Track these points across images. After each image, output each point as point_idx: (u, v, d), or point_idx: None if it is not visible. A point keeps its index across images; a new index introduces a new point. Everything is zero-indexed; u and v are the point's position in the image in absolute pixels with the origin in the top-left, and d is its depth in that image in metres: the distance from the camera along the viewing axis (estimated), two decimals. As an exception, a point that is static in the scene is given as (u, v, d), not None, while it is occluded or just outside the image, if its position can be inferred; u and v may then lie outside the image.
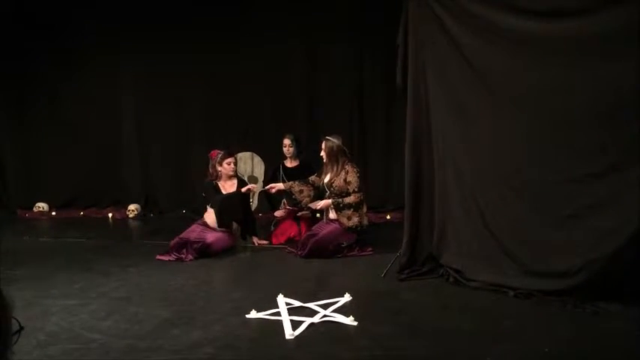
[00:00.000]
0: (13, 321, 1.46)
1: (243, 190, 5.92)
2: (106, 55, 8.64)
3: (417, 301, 4.23)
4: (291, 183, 5.94)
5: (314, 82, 8.24)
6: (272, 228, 6.46)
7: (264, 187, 6.74)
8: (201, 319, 3.93)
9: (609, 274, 3.87)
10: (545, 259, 4.10)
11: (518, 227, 4.25)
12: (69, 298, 4.45)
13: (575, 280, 3.95)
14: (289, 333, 3.62)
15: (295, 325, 3.74)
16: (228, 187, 5.97)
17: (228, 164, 5.93)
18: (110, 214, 8.55)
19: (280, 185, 5.97)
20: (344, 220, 5.61)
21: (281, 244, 6.19)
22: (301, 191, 5.88)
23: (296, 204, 6.09)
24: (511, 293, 4.19)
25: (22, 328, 1.52)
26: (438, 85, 4.64)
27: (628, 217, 3.75)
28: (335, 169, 5.70)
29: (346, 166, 5.68)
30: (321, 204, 5.76)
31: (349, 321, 3.78)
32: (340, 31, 7.98)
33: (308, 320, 3.81)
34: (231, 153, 6.07)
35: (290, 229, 6.34)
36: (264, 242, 6.22)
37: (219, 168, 5.93)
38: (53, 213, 8.80)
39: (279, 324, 3.79)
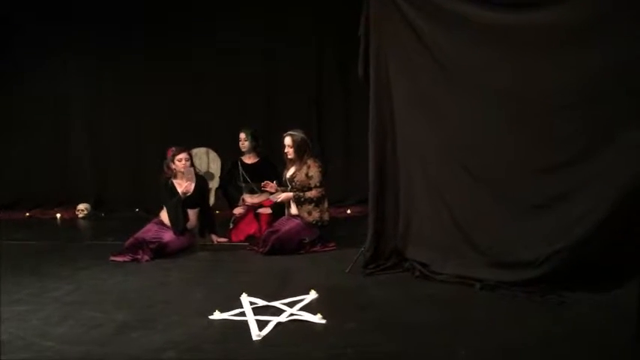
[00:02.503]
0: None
1: (181, 192, 5.62)
2: (53, 53, 8.42)
3: (384, 296, 4.16)
4: (298, 192, 5.59)
5: (270, 76, 8.16)
6: (231, 225, 6.27)
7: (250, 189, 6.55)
8: (161, 321, 3.75)
9: (576, 263, 3.88)
10: (512, 250, 4.09)
11: (484, 218, 4.24)
12: (18, 304, 4.19)
13: (542, 270, 3.94)
14: (256, 333, 3.49)
15: (261, 325, 3.61)
16: (184, 184, 5.73)
17: (179, 161, 5.66)
18: (58, 215, 8.21)
19: (290, 195, 5.62)
20: (304, 215, 5.52)
21: (241, 241, 6.02)
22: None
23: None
24: (477, 285, 4.16)
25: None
26: (400, 75, 4.58)
27: (595, 205, 3.77)
28: (299, 163, 5.58)
29: (308, 161, 5.58)
30: (282, 197, 5.64)
31: (317, 319, 3.68)
32: (297, 22, 7.93)
33: (274, 320, 3.69)
34: (184, 149, 5.79)
35: (250, 226, 6.18)
36: (224, 240, 6.04)
37: (172, 165, 5.71)
38: (-4, 215, 8.40)
39: (244, 324, 3.65)
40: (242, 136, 6.35)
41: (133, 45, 8.23)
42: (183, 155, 5.69)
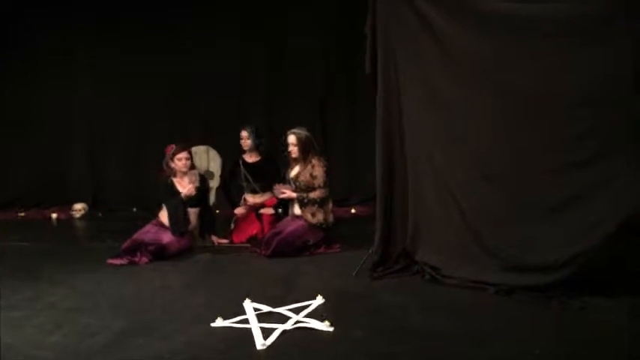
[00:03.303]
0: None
1: (183, 194, 5.43)
2: (51, 53, 8.26)
3: (394, 302, 3.98)
4: (302, 193, 5.36)
5: (273, 74, 7.99)
6: (232, 226, 6.08)
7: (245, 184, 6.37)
8: (161, 329, 3.58)
9: (596, 267, 3.70)
10: (528, 253, 3.90)
11: (498, 220, 4.06)
12: (11, 309, 4.01)
13: (560, 275, 3.77)
14: (260, 343, 3.32)
15: (266, 333, 3.44)
16: (185, 183, 5.54)
17: (180, 160, 5.45)
18: (54, 215, 8.00)
19: (293, 195, 5.41)
20: (308, 217, 5.31)
21: (242, 242, 5.82)
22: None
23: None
24: (492, 290, 3.98)
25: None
26: (409, 72, 4.40)
27: (615, 206, 3.59)
28: (303, 162, 5.39)
29: (313, 160, 5.37)
30: (286, 193, 5.43)
31: (324, 326, 3.51)
32: (300, 21, 7.76)
33: (280, 327, 3.51)
34: (184, 147, 5.58)
35: (252, 227, 5.97)
36: (225, 241, 5.85)
37: (171, 164, 5.51)
38: (-9, 215, 8.22)
39: (248, 332, 3.48)
40: (244, 134, 6.14)
41: (132, 43, 8.06)
42: (183, 154, 5.48)
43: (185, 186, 5.50)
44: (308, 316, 3.70)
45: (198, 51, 8.01)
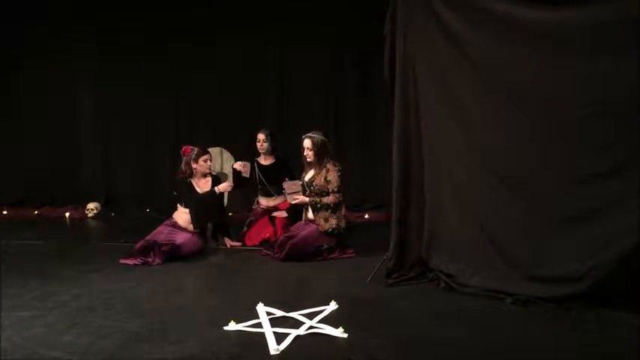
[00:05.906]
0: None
1: (222, 187, 5.54)
2: (64, 51, 8.35)
3: (409, 310, 3.92)
4: (315, 198, 5.32)
5: (287, 77, 7.95)
6: (245, 228, 6.06)
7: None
8: (174, 332, 3.54)
9: (615, 281, 3.63)
10: (546, 264, 3.84)
11: (517, 229, 3.98)
12: (22, 309, 3.99)
13: (579, 287, 3.70)
14: (274, 348, 3.26)
15: (279, 337, 3.39)
16: (202, 184, 5.57)
17: (205, 161, 5.55)
18: (67, 214, 8.03)
19: (306, 199, 5.36)
20: (321, 222, 5.27)
21: (255, 245, 5.80)
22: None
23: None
24: (508, 300, 3.91)
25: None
26: (428, 77, 4.33)
27: (634, 221, 3.50)
28: (318, 166, 5.35)
29: (328, 164, 5.33)
30: (299, 199, 5.39)
31: (339, 333, 3.45)
32: (314, 24, 7.72)
33: (293, 332, 3.46)
34: (206, 150, 5.68)
35: (264, 230, 5.96)
36: (237, 244, 5.83)
37: (194, 165, 5.53)
38: (5, 212, 8.24)
39: (261, 337, 3.43)
40: (261, 136, 6.10)
41: (145, 42, 8.11)
42: (207, 156, 5.60)
43: (202, 186, 5.57)
44: (322, 321, 3.65)
45: (208, 51, 8.02)
